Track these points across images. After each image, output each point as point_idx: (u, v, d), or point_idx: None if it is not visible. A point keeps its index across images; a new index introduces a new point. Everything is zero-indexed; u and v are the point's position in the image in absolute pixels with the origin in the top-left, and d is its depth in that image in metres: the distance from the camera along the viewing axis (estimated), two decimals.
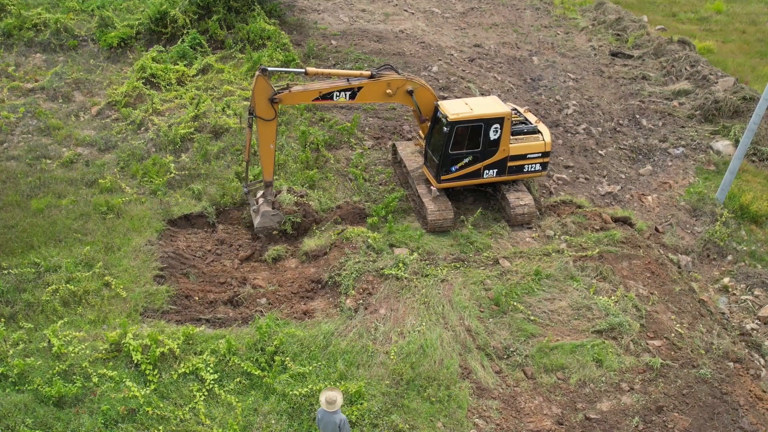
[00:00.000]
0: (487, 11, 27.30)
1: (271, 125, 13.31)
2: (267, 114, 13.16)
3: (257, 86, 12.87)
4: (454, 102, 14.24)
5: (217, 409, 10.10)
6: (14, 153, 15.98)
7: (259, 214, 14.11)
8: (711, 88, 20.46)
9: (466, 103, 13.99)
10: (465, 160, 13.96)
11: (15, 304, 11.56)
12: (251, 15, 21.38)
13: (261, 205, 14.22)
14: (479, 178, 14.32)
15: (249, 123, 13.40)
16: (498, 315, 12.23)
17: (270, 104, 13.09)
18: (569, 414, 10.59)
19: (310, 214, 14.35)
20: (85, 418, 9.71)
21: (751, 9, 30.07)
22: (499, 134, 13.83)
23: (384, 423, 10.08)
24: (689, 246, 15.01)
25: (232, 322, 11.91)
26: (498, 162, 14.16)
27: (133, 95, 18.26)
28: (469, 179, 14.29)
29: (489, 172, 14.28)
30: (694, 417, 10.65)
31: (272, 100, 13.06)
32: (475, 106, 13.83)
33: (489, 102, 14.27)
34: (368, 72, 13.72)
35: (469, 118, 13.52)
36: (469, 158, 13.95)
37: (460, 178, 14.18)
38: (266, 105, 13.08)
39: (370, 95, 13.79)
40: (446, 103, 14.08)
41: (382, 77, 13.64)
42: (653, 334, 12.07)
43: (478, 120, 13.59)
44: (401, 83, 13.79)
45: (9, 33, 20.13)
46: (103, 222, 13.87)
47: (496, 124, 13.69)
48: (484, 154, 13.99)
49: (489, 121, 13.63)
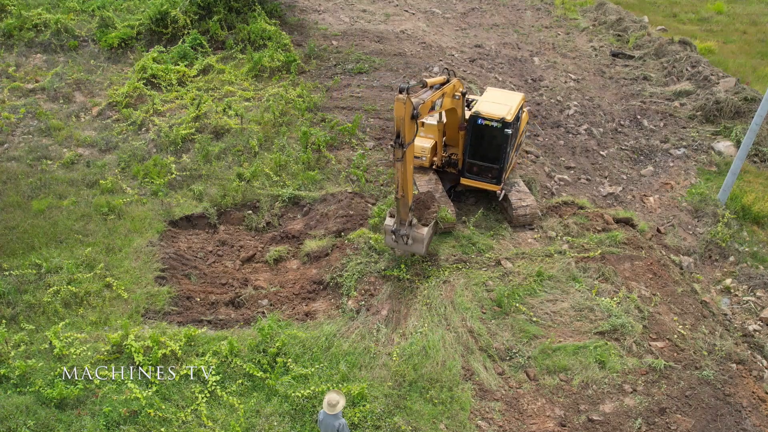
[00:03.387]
0: (488, 12, 27.27)
1: (413, 145, 11.55)
2: (411, 134, 11.30)
3: (403, 111, 10.77)
4: (487, 104, 13.75)
5: (220, 411, 10.07)
6: (15, 154, 15.95)
7: (413, 240, 12.64)
8: (712, 88, 20.44)
9: (493, 102, 13.81)
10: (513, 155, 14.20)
11: (16, 306, 11.53)
12: (252, 15, 21.36)
13: (412, 230, 12.60)
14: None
15: (398, 157, 11.24)
16: (500, 316, 12.20)
17: (413, 122, 11.28)
18: (572, 416, 10.56)
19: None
20: (86, 420, 9.68)
21: (752, 9, 30.06)
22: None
23: (386, 425, 10.06)
24: (691, 247, 14.99)
25: (233, 323, 11.88)
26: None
27: (133, 96, 18.24)
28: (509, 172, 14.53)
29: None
30: (697, 418, 10.63)
31: (414, 117, 11.12)
32: (504, 102, 13.74)
33: (506, 95, 14.31)
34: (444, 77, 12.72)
35: (515, 114, 13.57)
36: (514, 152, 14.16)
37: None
38: (411, 125, 11.21)
39: (446, 102, 12.85)
40: (484, 107, 13.57)
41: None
42: (656, 336, 12.05)
43: (518, 114, 13.78)
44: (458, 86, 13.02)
45: (9, 33, 20.10)
46: (104, 223, 13.84)
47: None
48: (518, 145, 14.14)
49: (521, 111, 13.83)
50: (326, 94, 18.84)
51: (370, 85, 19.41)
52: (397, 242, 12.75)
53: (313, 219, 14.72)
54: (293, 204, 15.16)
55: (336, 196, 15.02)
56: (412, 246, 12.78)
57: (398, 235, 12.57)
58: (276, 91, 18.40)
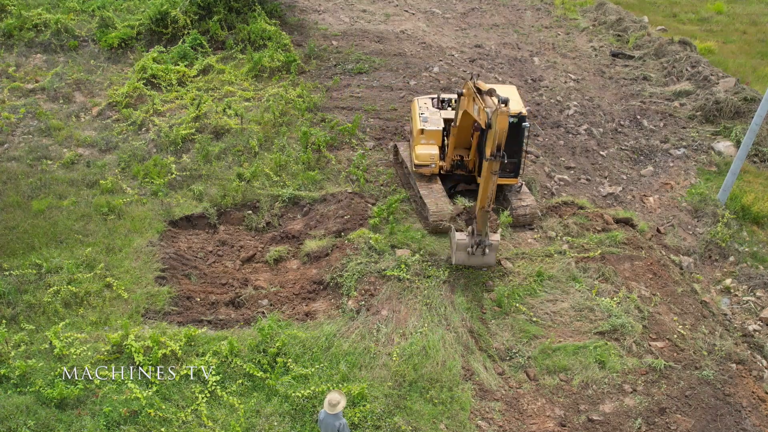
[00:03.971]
0: (488, 12, 27.27)
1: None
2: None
3: (506, 123, 10.90)
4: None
5: (220, 411, 10.08)
6: (15, 154, 15.96)
7: (489, 248, 12.61)
8: (712, 88, 20.45)
9: (497, 98, 13.87)
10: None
11: (16, 306, 11.54)
12: (252, 15, 21.37)
13: (489, 240, 12.52)
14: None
15: (496, 170, 11.23)
16: (500, 316, 12.21)
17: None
18: (572, 416, 10.57)
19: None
20: (86, 420, 9.68)
21: (752, 9, 30.06)
22: None
23: (386, 425, 10.06)
24: (691, 247, 15.00)
25: (233, 323, 11.88)
26: None
27: (133, 96, 18.24)
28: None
29: None
30: (697, 418, 10.63)
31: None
32: (509, 96, 13.78)
33: (502, 89, 14.22)
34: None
35: (524, 107, 13.71)
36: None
37: None
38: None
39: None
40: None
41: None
42: (656, 336, 12.05)
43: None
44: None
45: (9, 33, 20.10)
46: (105, 223, 13.84)
47: None
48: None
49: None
50: (326, 94, 18.85)
51: (370, 85, 19.42)
52: (473, 255, 12.61)
53: (313, 219, 14.73)
54: (293, 204, 15.16)
55: (336, 196, 15.02)
56: (487, 257, 12.76)
57: (482, 246, 12.44)
58: (276, 91, 18.41)
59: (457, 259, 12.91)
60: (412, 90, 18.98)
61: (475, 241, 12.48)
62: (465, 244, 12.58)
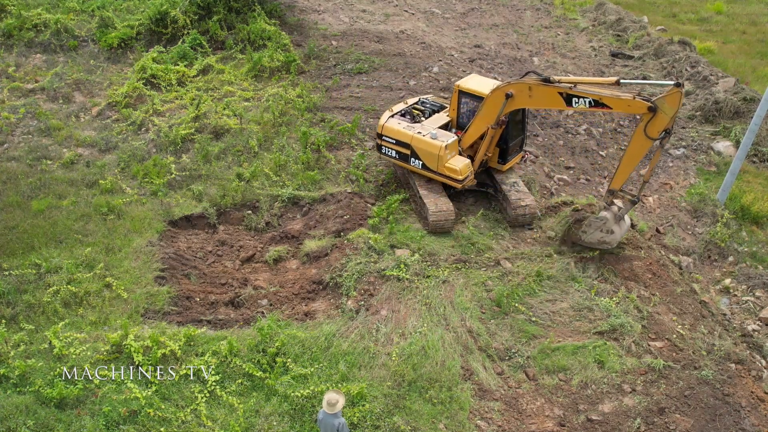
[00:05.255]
0: (488, 12, 27.29)
1: None
2: None
3: (679, 103, 11.80)
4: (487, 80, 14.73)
5: (219, 411, 10.09)
6: (15, 154, 15.96)
7: (620, 225, 13.40)
8: (711, 88, 20.46)
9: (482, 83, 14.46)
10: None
11: (16, 306, 11.55)
12: (251, 15, 21.37)
13: (620, 214, 13.38)
14: None
15: (666, 145, 12.60)
16: (499, 316, 12.21)
17: None
18: (571, 415, 10.58)
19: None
20: (86, 420, 9.69)
21: (752, 9, 30.08)
22: None
23: (386, 424, 10.07)
24: (690, 247, 15.01)
25: (233, 323, 11.89)
26: None
27: (133, 96, 18.25)
28: None
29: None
30: (696, 418, 10.64)
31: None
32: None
33: (488, 80, 14.83)
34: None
35: None
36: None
37: None
38: None
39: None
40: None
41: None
42: (655, 336, 12.06)
43: None
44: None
45: (9, 33, 20.11)
46: (104, 223, 13.85)
47: None
48: None
49: None
50: (326, 94, 18.85)
51: (370, 85, 19.42)
52: (614, 232, 13.26)
53: (312, 219, 14.74)
54: (293, 204, 15.17)
55: (335, 196, 15.03)
56: (608, 230, 13.37)
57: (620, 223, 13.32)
58: (276, 91, 18.41)
59: (600, 239, 13.45)
60: (412, 90, 18.98)
61: (620, 215, 13.31)
62: (610, 221, 13.19)
